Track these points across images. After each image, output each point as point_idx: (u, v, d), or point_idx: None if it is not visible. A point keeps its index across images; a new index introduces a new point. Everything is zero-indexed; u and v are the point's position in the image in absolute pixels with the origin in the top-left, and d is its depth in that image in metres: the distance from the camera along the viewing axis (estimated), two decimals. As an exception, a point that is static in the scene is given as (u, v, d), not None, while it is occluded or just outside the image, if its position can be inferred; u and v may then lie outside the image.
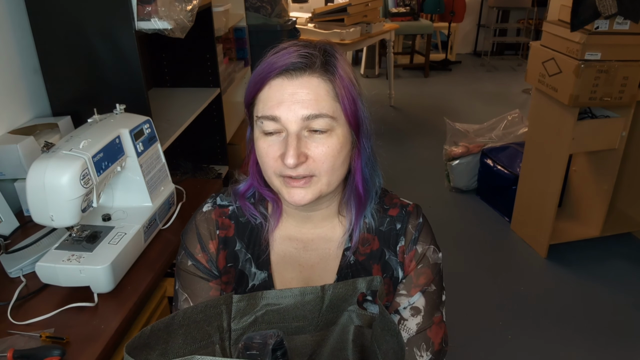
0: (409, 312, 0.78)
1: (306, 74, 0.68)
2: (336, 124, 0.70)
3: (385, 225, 0.81)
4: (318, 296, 0.69)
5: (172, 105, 1.94)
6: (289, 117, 0.67)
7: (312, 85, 0.68)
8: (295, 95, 0.68)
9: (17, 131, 1.37)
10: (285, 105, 0.68)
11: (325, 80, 0.69)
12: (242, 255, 0.82)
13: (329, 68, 0.70)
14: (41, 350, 0.87)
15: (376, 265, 0.80)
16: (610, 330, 2.05)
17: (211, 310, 0.66)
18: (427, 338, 0.77)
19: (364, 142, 0.74)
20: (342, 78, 0.70)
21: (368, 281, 0.70)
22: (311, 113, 0.67)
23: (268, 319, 0.70)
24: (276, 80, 0.69)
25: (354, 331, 0.73)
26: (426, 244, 0.80)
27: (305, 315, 0.70)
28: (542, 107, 2.35)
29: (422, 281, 0.79)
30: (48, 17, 1.39)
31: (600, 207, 2.46)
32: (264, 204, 0.83)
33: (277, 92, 0.68)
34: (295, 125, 0.68)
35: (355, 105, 0.72)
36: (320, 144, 0.69)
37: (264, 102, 0.70)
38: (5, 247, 1.15)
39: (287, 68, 0.68)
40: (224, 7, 2.26)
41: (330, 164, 0.70)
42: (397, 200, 0.84)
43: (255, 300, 0.68)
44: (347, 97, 0.70)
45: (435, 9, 5.59)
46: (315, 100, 0.68)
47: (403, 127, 4.20)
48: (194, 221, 0.83)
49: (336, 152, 0.70)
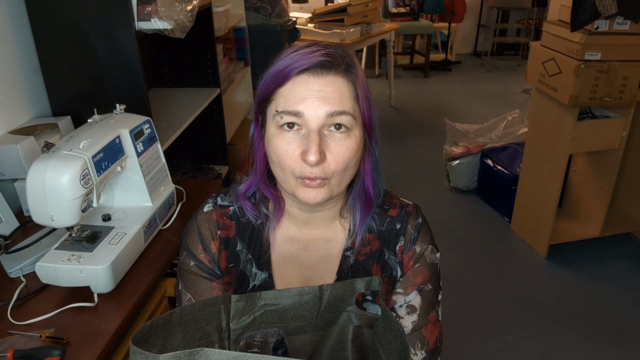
0: (405, 310, 0.79)
1: (331, 73, 0.69)
2: (355, 124, 0.71)
3: (385, 226, 0.81)
4: (316, 296, 0.69)
5: (172, 105, 1.94)
6: (312, 113, 0.68)
7: (337, 84, 0.70)
8: (321, 92, 0.68)
9: (17, 131, 1.37)
10: (309, 100, 0.68)
11: (348, 80, 0.71)
12: (243, 256, 0.82)
13: (352, 69, 0.71)
14: (41, 350, 0.87)
15: (376, 265, 0.81)
16: (610, 330, 2.05)
17: (209, 309, 0.67)
18: (422, 337, 0.78)
19: (373, 146, 0.76)
20: (361, 81, 0.72)
21: (367, 281, 0.71)
22: (335, 110, 0.68)
23: (267, 319, 0.70)
24: (301, 77, 0.69)
25: (353, 331, 0.73)
26: (425, 243, 0.81)
27: (304, 316, 0.71)
28: (542, 107, 2.35)
29: (418, 280, 0.80)
30: (48, 17, 1.39)
31: (600, 207, 2.46)
32: (265, 204, 0.83)
33: (301, 88, 0.69)
34: (316, 122, 0.68)
35: (371, 109, 0.73)
36: (339, 144, 0.70)
37: (286, 97, 0.70)
38: (5, 247, 1.15)
39: (313, 65, 0.69)
40: (224, 7, 2.26)
41: (345, 164, 0.71)
42: (397, 200, 0.84)
43: (253, 301, 0.69)
44: (365, 100, 0.72)
45: (435, 9, 5.59)
46: (339, 98, 0.69)
47: (403, 127, 4.20)
48: (195, 221, 0.83)
49: (352, 153, 0.71)
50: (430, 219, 0.85)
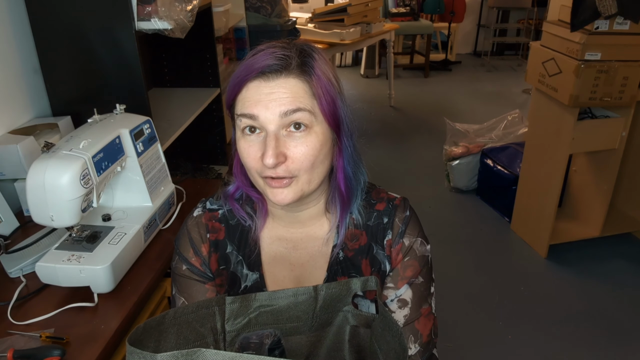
0: (396, 305, 0.79)
1: (282, 75, 0.69)
2: (315, 120, 0.70)
3: (372, 220, 0.81)
4: (311, 297, 0.69)
5: (172, 105, 1.94)
6: (267, 115, 0.68)
7: (288, 85, 0.69)
8: (272, 94, 0.68)
9: (17, 131, 1.37)
10: (262, 103, 0.68)
11: (302, 80, 0.70)
12: (234, 258, 0.82)
13: (305, 69, 0.70)
14: (41, 350, 0.87)
15: (365, 260, 0.81)
16: (610, 330, 2.05)
17: (203, 311, 0.67)
18: (415, 330, 0.78)
19: (345, 141, 0.75)
20: (319, 78, 0.70)
21: (363, 281, 0.71)
22: (289, 108, 0.68)
23: (262, 320, 0.70)
24: (253, 83, 0.70)
25: (350, 331, 0.73)
26: (413, 236, 0.81)
27: (299, 316, 0.71)
28: (542, 107, 2.35)
29: (409, 273, 0.79)
30: (48, 17, 1.39)
31: (600, 207, 2.46)
32: (251, 205, 0.83)
33: (254, 93, 0.69)
34: (273, 125, 0.68)
35: (334, 104, 0.72)
36: (300, 143, 0.69)
37: (243, 101, 0.71)
38: (5, 247, 1.15)
39: (263, 70, 0.69)
40: (224, 7, 2.26)
41: (309, 162, 0.70)
42: (385, 194, 0.84)
43: (248, 302, 0.69)
44: (324, 96, 0.70)
45: (435, 9, 5.59)
46: (292, 97, 0.68)
47: (403, 127, 4.20)
48: (186, 226, 0.84)
49: (316, 150, 0.70)
50: (430, 219, 0.85)
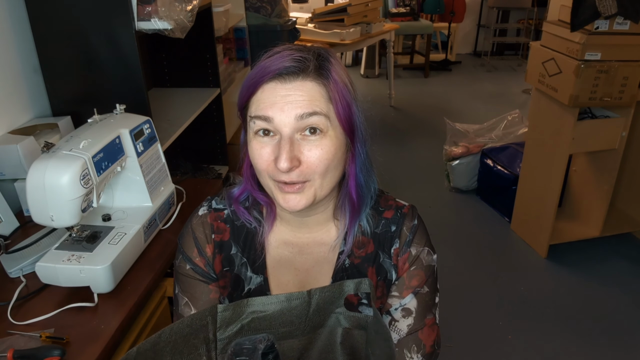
0: (400, 314, 0.78)
1: (299, 78, 0.68)
2: (330, 125, 0.69)
3: (380, 228, 0.80)
4: (305, 301, 0.69)
5: (172, 105, 1.94)
6: (282, 118, 0.67)
7: (305, 87, 0.68)
8: (288, 97, 0.67)
9: (17, 131, 1.37)
10: (278, 106, 0.67)
11: (319, 84, 0.69)
12: (238, 260, 0.81)
13: (322, 72, 0.69)
14: (41, 350, 0.87)
15: (371, 268, 0.80)
16: (610, 330, 2.05)
17: (197, 322, 0.66)
18: (418, 340, 0.77)
19: (358, 147, 0.74)
20: (336, 82, 0.69)
21: (356, 283, 0.70)
22: (305, 111, 0.67)
23: (254, 326, 0.69)
24: (269, 84, 0.68)
25: (342, 333, 0.73)
26: (420, 245, 0.80)
27: (292, 321, 0.70)
28: (542, 107, 2.35)
29: (414, 283, 0.79)
30: (48, 17, 1.39)
31: (600, 207, 2.46)
32: (258, 208, 0.82)
33: (270, 95, 0.68)
34: (288, 129, 0.67)
35: (350, 109, 0.71)
36: (314, 147, 0.68)
37: (257, 103, 0.69)
38: (5, 247, 1.15)
39: (280, 72, 0.68)
40: (224, 7, 2.26)
41: (324, 166, 0.69)
42: (393, 202, 0.83)
43: (240, 309, 0.68)
44: (340, 101, 0.69)
45: (435, 9, 5.59)
46: (309, 100, 0.67)
47: (403, 127, 4.20)
48: (190, 225, 0.83)
49: (330, 154, 0.69)
50: (430, 219, 0.84)
